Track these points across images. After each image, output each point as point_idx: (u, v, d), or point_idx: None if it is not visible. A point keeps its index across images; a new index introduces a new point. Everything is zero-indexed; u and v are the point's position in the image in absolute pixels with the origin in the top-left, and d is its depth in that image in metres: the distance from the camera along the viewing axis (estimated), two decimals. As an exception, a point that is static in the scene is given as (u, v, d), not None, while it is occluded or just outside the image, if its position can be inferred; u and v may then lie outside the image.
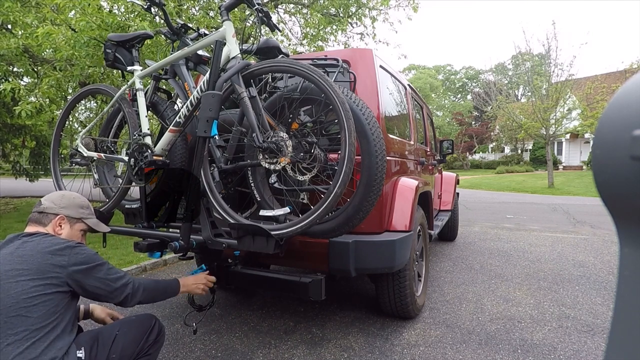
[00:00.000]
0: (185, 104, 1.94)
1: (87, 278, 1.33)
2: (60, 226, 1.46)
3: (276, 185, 1.97)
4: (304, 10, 8.48)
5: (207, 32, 2.21)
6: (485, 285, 3.31)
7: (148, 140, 2.09)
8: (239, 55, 1.84)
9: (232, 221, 1.77)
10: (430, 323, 2.55)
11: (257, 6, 1.84)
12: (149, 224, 2.11)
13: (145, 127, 2.14)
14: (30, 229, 1.43)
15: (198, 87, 1.89)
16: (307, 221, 1.64)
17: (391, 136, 2.41)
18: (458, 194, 5.41)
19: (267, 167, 1.71)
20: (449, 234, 5.07)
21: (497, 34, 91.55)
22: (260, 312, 2.75)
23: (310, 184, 1.97)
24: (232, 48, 1.85)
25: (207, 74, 1.84)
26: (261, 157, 1.72)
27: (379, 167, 1.79)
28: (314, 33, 8.15)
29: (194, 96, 1.90)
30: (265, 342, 2.30)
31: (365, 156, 1.80)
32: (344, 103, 1.61)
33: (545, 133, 16.41)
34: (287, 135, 1.70)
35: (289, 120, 1.88)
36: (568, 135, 22.33)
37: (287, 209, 1.86)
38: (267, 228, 1.67)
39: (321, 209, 1.62)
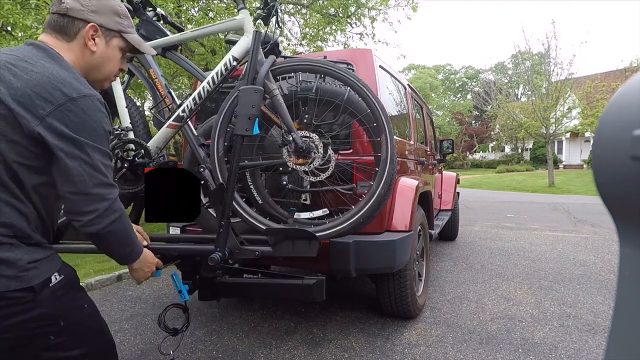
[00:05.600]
0: (193, 96, 1.77)
1: (64, 150, 0.89)
2: (93, 40, 1.02)
3: (290, 186, 1.89)
4: (303, 11, 8.48)
5: (164, 12, 2.00)
6: (486, 285, 3.31)
7: (132, 135, 1.89)
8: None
9: (263, 227, 1.70)
10: (431, 323, 2.55)
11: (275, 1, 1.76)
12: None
13: (126, 120, 1.90)
14: (48, 39, 0.99)
15: (209, 79, 1.76)
16: (350, 221, 1.66)
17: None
18: (458, 193, 5.41)
19: (294, 168, 1.70)
20: (449, 233, 5.07)
21: (496, 34, 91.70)
22: (261, 312, 2.75)
23: (310, 185, 1.96)
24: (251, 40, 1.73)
25: (222, 64, 1.73)
26: (287, 157, 1.69)
27: (394, 167, 1.82)
28: (313, 33, 8.15)
29: (203, 88, 1.76)
30: (266, 342, 2.30)
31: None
32: (383, 108, 1.68)
33: (545, 132, 16.41)
34: (317, 136, 1.70)
35: (304, 120, 1.85)
36: (568, 134, 22.32)
37: (326, 210, 1.85)
38: (312, 231, 1.63)
39: (365, 208, 1.65)
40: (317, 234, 1.62)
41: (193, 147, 1.84)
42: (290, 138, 1.67)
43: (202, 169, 1.81)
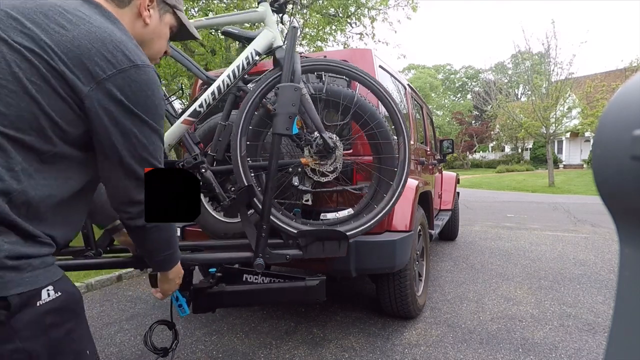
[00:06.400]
0: (211, 90, 1.67)
1: (117, 122, 0.73)
2: (148, 11, 0.87)
3: (300, 187, 1.87)
4: (303, 11, 8.48)
5: None
6: (486, 285, 3.31)
7: None
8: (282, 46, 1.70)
9: (294, 230, 1.66)
10: (431, 323, 2.54)
11: None
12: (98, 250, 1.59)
13: None
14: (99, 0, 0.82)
15: (230, 72, 1.68)
16: (376, 219, 1.73)
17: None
18: (458, 193, 5.40)
19: (314, 168, 1.73)
20: (449, 233, 5.07)
21: (496, 34, 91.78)
22: (261, 312, 2.75)
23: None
24: (276, 35, 1.70)
25: (244, 58, 1.66)
26: (308, 157, 1.71)
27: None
28: (313, 33, 8.15)
29: (223, 82, 1.68)
30: (267, 342, 2.30)
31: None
32: (401, 112, 1.78)
33: (545, 132, 16.42)
34: (336, 136, 1.72)
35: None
36: (568, 134, 22.34)
37: (350, 211, 1.87)
38: (342, 230, 1.66)
39: (388, 206, 1.74)
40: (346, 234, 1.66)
41: (188, 146, 1.80)
42: (313, 138, 1.69)
43: (203, 170, 1.76)
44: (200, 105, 1.68)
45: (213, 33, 5.93)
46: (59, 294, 0.67)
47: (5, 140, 0.64)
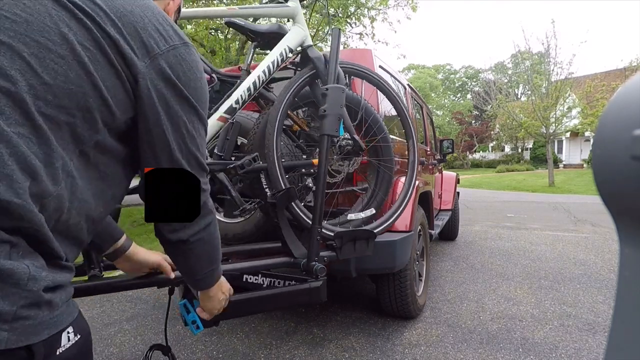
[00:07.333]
0: (247, 86, 1.58)
1: (169, 107, 0.63)
2: (174, 15, 0.84)
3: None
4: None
5: None
6: (486, 284, 3.31)
7: None
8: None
9: (330, 233, 1.64)
10: (431, 322, 2.54)
11: None
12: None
13: None
14: None
15: (264, 68, 1.61)
16: (394, 217, 1.82)
17: (391, 136, 2.41)
18: (459, 193, 5.41)
19: (338, 169, 1.78)
20: (449, 233, 5.07)
21: (496, 33, 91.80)
22: (261, 313, 2.74)
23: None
24: (306, 33, 1.68)
25: (278, 54, 1.61)
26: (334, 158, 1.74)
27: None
28: (312, 33, 8.15)
29: (258, 78, 1.61)
30: (267, 342, 2.30)
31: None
32: (412, 117, 1.88)
33: (545, 132, 16.42)
34: (357, 137, 1.77)
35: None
36: (568, 134, 22.35)
37: (373, 210, 1.90)
38: (369, 229, 1.71)
39: (402, 205, 1.86)
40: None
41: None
42: (337, 139, 1.72)
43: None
44: (237, 102, 1.58)
45: (213, 33, 5.93)
46: (78, 337, 0.53)
47: (46, 123, 0.48)
